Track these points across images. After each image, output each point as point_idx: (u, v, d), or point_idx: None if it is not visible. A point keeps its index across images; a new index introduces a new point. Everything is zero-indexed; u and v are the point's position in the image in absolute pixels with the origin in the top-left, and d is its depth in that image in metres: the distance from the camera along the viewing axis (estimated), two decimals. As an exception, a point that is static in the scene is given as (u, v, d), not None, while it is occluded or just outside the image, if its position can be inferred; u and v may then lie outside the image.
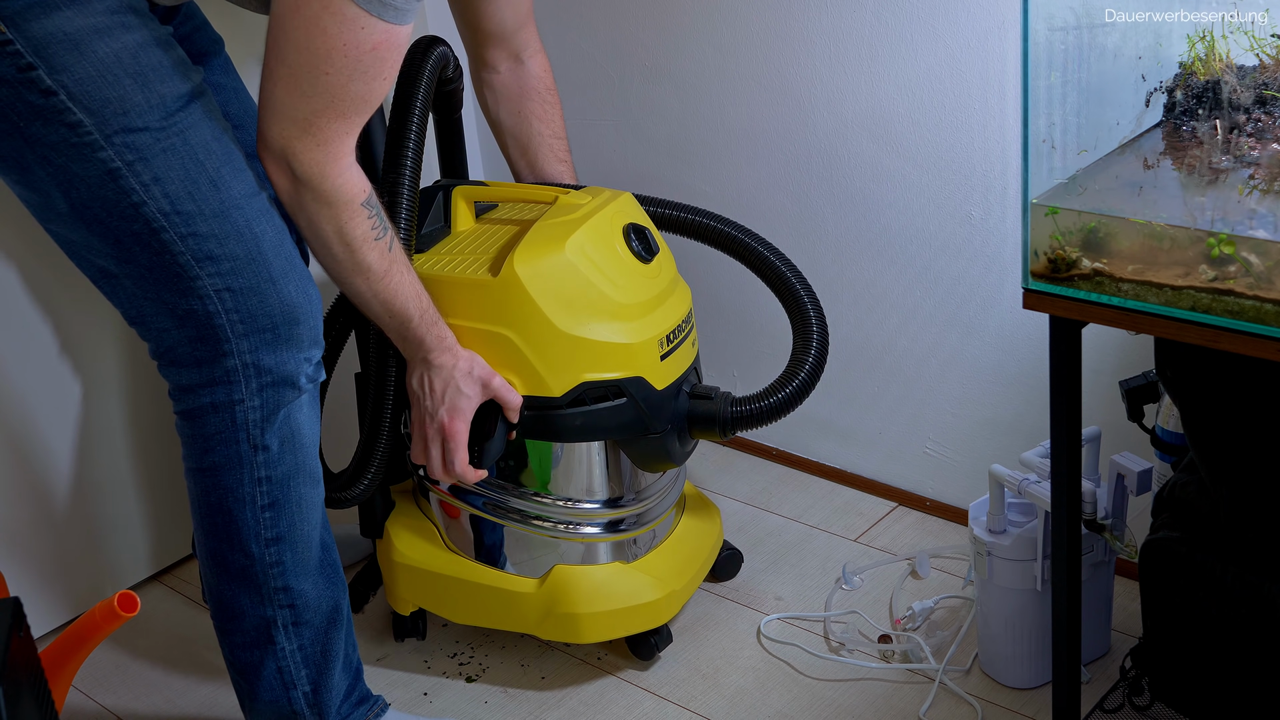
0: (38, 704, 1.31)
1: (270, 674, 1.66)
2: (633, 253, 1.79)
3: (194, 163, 1.49)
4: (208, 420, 1.57)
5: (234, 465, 1.58)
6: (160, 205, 1.48)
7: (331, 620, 1.68)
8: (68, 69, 1.42)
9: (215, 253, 1.51)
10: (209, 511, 1.61)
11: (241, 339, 1.54)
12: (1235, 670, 1.49)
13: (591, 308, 1.73)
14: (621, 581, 1.87)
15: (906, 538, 2.19)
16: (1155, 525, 1.57)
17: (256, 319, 1.54)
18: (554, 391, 1.74)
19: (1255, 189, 1.33)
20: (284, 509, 1.61)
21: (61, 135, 1.44)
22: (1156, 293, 1.30)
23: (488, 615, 1.91)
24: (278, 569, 1.62)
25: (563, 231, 1.74)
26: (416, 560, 1.92)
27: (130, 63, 1.44)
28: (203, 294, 1.52)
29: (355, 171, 1.53)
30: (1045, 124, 1.36)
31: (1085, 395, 1.53)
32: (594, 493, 1.85)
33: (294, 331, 1.56)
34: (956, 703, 1.84)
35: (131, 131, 1.45)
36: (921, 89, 1.98)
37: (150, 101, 1.46)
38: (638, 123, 2.35)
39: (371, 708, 1.76)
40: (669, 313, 1.81)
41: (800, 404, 1.85)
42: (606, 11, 2.30)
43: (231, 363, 1.55)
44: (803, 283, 1.90)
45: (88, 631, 1.50)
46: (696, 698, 1.89)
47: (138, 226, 1.49)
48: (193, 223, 1.49)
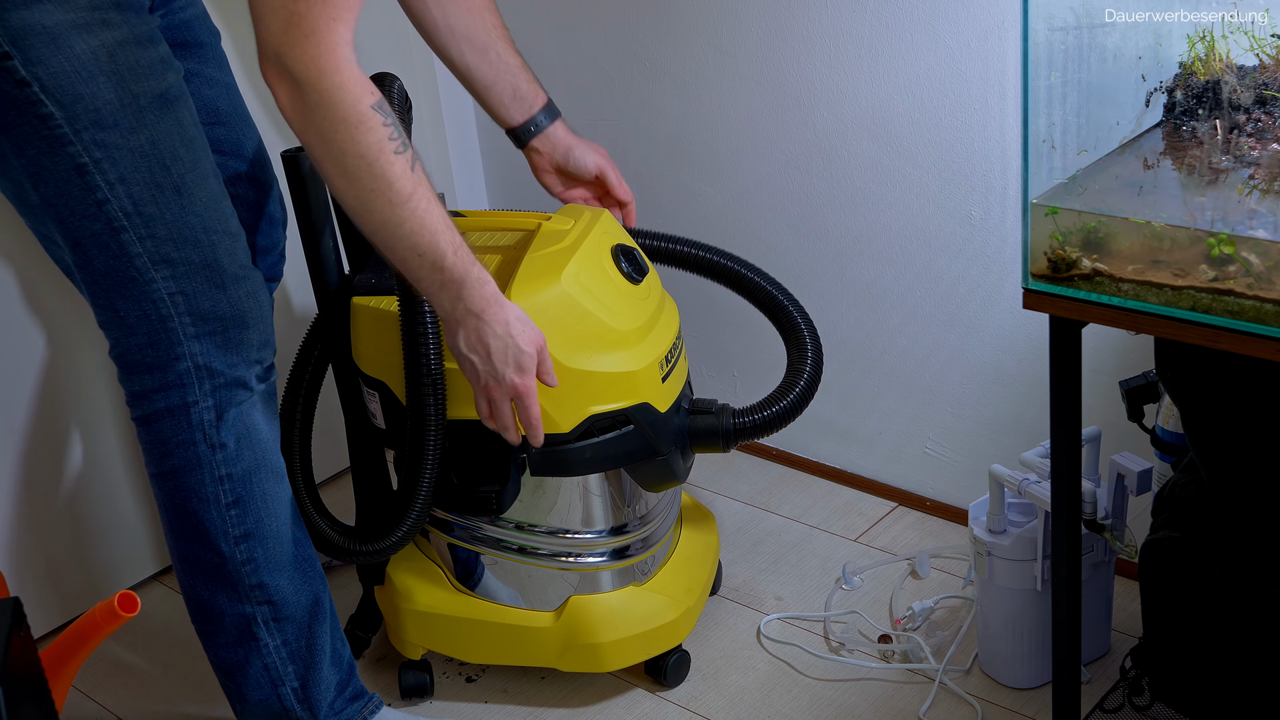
0: (38, 704, 1.31)
1: (257, 672, 1.67)
2: (624, 275, 1.76)
3: (160, 167, 1.50)
4: (164, 424, 1.58)
5: (194, 466, 1.59)
6: (123, 205, 1.49)
7: (313, 614, 1.68)
8: (43, 62, 1.42)
9: (172, 256, 1.52)
10: (176, 515, 1.62)
11: (193, 340, 1.55)
12: (1235, 670, 1.49)
13: (593, 339, 1.70)
14: (638, 605, 1.86)
15: (906, 538, 2.19)
16: (1155, 525, 1.57)
17: (207, 321, 1.55)
18: (562, 428, 1.71)
19: (1255, 189, 1.33)
20: (249, 505, 1.62)
21: (33, 127, 1.45)
22: (1156, 293, 1.30)
23: (504, 653, 1.88)
24: (250, 566, 1.63)
25: (556, 263, 1.70)
26: (425, 604, 1.88)
27: (107, 61, 1.45)
28: (156, 298, 1.53)
29: (357, 71, 1.43)
30: (1045, 124, 1.36)
31: (1085, 395, 1.53)
32: (600, 522, 1.83)
33: (244, 335, 1.58)
34: (956, 703, 1.84)
35: (102, 129, 1.46)
36: (921, 89, 1.98)
37: (123, 100, 1.46)
38: (638, 123, 2.35)
39: (366, 704, 1.76)
40: (664, 332, 1.79)
41: (802, 412, 1.86)
42: (606, 11, 2.30)
43: (184, 365, 1.56)
44: (787, 296, 1.91)
45: (88, 631, 1.50)
46: (696, 698, 1.89)
47: (98, 226, 1.50)
48: (153, 225, 1.50)
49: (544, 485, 1.79)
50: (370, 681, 1.96)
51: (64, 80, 1.43)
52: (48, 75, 1.43)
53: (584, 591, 1.85)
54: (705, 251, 1.93)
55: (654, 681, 1.92)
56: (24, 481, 2.05)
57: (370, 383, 1.80)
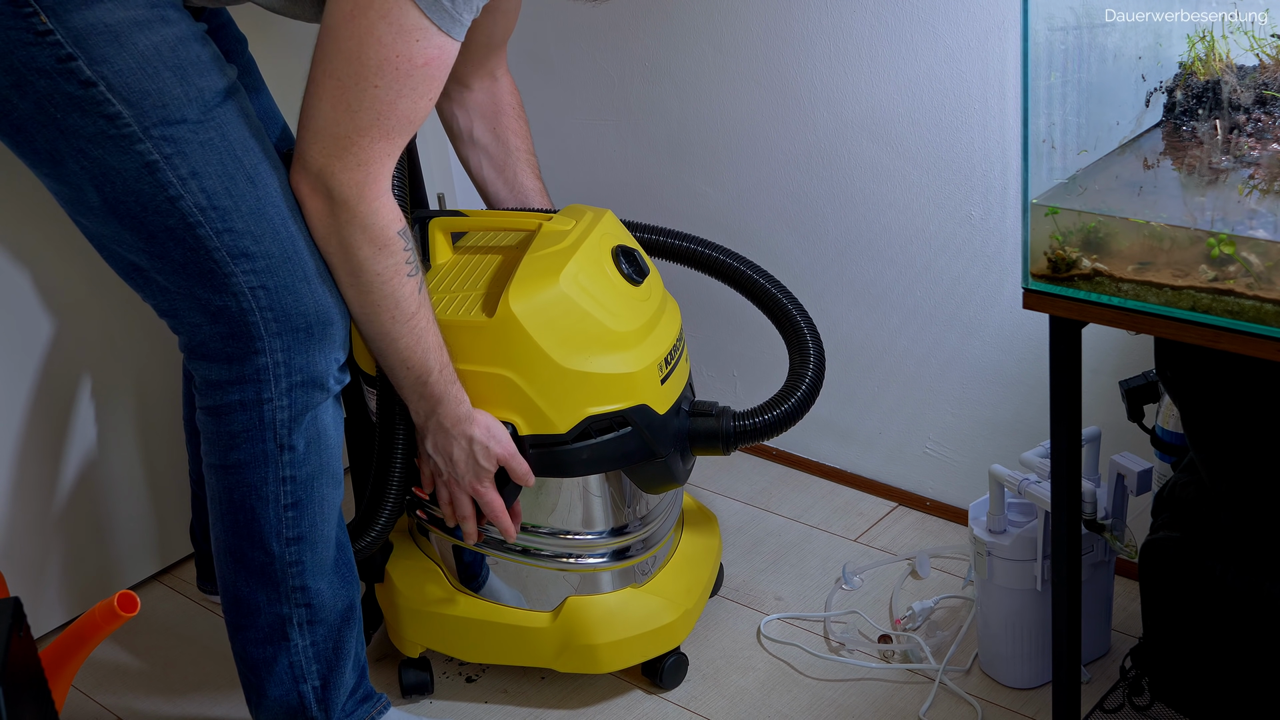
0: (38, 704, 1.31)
1: (282, 670, 1.66)
2: (624, 276, 1.75)
3: (231, 158, 1.48)
4: (235, 417, 1.56)
5: (259, 463, 1.57)
6: (197, 200, 1.48)
7: (345, 618, 1.68)
8: (108, 60, 1.42)
9: (251, 250, 1.50)
10: (231, 508, 1.60)
11: (274, 337, 1.53)
12: (1235, 670, 1.49)
13: (591, 340, 1.70)
14: (636, 606, 1.85)
15: (906, 538, 2.19)
16: (1155, 525, 1.57)
17: (290, 318, 1.53)
18: (559, 429, 1.71)
19: (1255, 189, 1.33)
20: (306, 509, 1.60)
21: (99, 127, 1.44)
22: (1156, 293, 1.30)
23: (501, 652, 1.88)
24: (296, 568, 1.62)
25: (555, 263, 1.70)
26: (422, 603, 1.88)
27: (170, 56, 1.44)
28: (236, 291, 1.51)
29: (392, 199, 1.52)
30: (1045, 124, 1.36)
31: (1085, 395, 1.53)
32: (600, 523, 1.83)
33: (327, 332, 1.56)
34: (956, 703, 1.84)
35: (170, 124, 1.45)
36: (921, 89, 1.98)
37: (189, 95, 1.45)
38: (638, 123, 2.35)
39: (375, 705, 1.76)
40: (664, 334, 1.78)
41: (803, 417, 1.85)
42: (606, 11, 2.30)
43: (263, 360, 1.54)
44: (791, 299, 1.90)
45: (88, 631, 1.50)
46: (697, 698, 1.89)
47: (173, 221, 1.48)
48: (229, 218, 1.49)
49: (545, 487, 1.79)
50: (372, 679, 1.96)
51: (130, 78, 1.42)
52: (113, 74, 1.42)
53: (584, 592, 1.85)
54: (712, 250, 1.92)
55: (651, 683, 1.92)
56: (24, 481, 2.05)
57: (369, 380, 1.80)
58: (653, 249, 1.92)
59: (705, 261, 1.92)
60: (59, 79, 1.42)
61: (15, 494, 2.04)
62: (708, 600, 2.06)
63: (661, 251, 1.93)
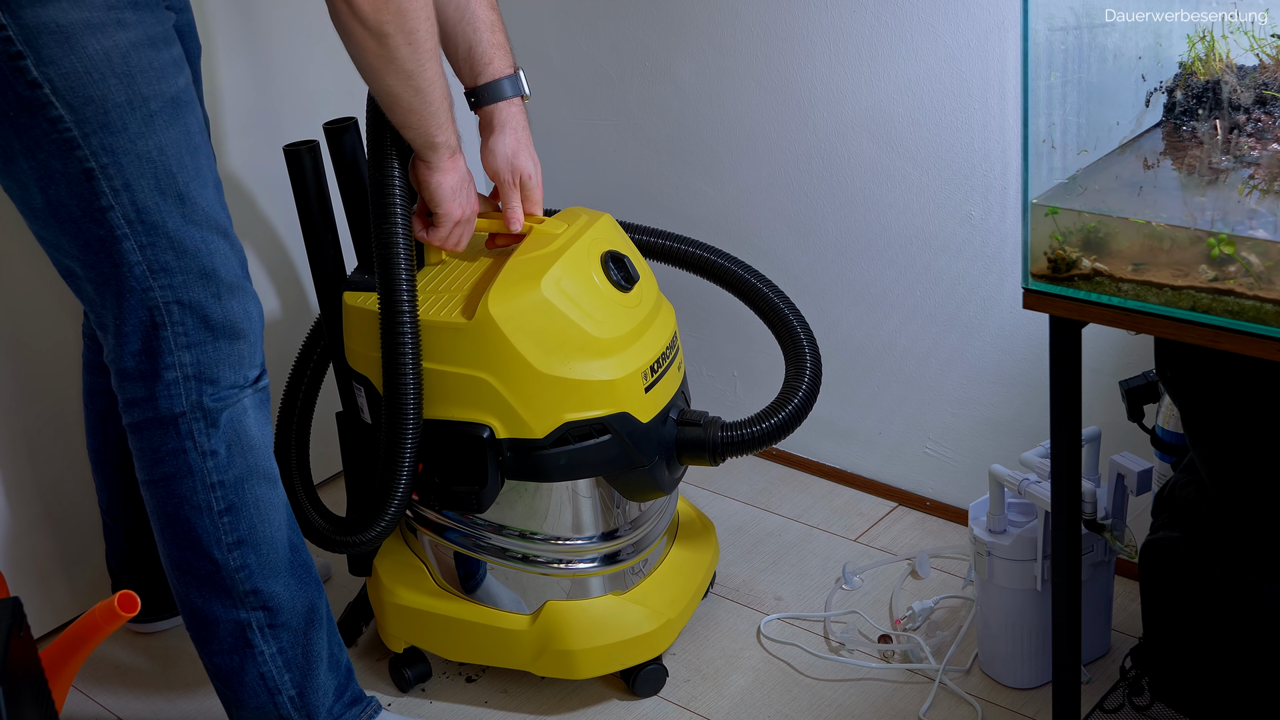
0: (38, 704, 1.31)
1: (253, 680, 1.66)
2: (612, 282, 1.74)
3: (166, 174, 1.48)
4: (153, 433, 1.57)
5: (185, 474, 1.58)
6: (126, 213, 1.48)
7: (309, 621, 1.67)
8: (55, 62, 1.41)
9: (170, 265, 1.51)
10: (169, 522, 1.61)
11: (184, 350, 1.54)
12: (1235, 670, 1.49)
13: (571, 346, 1.69)
14: (616, 614, 1.84)
15: (906, 538, 2.19)
16: (1155, 525, 1.57)
17: (200, 331, 1.54)
18: (536, 433, 1.70)
19: (1255, 189, 1.33)
20: (242, 512, 1.60)
21: (43, 129, 1.43)
22: (1156, 293, 1.30)
23: (481, 652, 1.88)
24: (244, 573, 1.62)
25: (538, 268, 1.69)
26: (407, 599, 1.88)
27: (119, 63, 1.43)
28: (151, 305, 1.52)
29: None
30: (1045, 124, 1.36)
31: (1085, 395, 1.53)
32: (587, 528, 1.82)
33: (235, 346, 1.57)
34: (956, 703, 1.84)
35: (110, 133, 1.44)
36: (921, 89, 1.98)
37: (133, 104, 1.45)
38: (638, 123, 2.35)
39: (365, 709, 1.75)
40: (652, 341, 1.77)
41: (795, 429, 1.84)
42: (606, 11, 2.30)
43: (173, 375, 1.54)
44: (792, 309, 1.89)
45: (88, 631, 1.50)
46: (697, 698, 1.89)
47: (102, 231, 1.48)
48: (154, 234, 1.49)
49: (536, 492, 1.78)
50: (373, 678, 1.96)
51: (75, 82, 1.42)
52: (59, 76, 1.41)
53: (574, 597, 1.84)
54: (712, 255, 1.91)
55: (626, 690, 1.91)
56: (24, 482, 2.05)
57: (358, 378, 1.80)
58: (653, 252, 1.92)
59: (705, 266, 1.92)
60: (10, 76, 1.41)
61: (15, 494, 2.04)
62: (722, 585, 2.06)
63: (662, 255, 1.92)
